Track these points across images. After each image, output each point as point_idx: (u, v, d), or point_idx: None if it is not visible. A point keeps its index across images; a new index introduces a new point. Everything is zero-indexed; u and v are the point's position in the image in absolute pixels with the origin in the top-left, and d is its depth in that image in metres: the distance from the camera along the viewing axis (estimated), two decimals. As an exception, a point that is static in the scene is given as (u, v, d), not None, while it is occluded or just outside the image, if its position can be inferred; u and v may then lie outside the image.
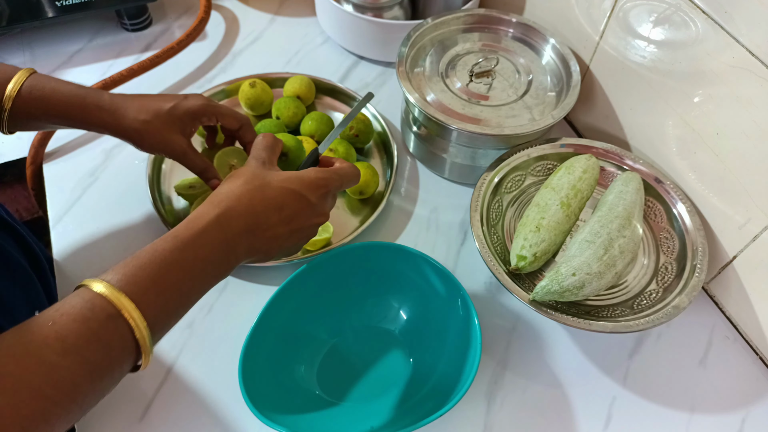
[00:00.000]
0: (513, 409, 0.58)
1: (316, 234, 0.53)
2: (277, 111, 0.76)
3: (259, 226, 0.46)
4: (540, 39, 0.76)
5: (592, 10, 0.70)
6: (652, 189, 0.66)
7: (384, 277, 0.61)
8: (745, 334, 0.64)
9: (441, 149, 0.72)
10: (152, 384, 0.58)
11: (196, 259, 0.42)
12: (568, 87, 0.70)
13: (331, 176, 0.52)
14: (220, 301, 0.64)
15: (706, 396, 0.60)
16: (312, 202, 0.49)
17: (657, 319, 0.55)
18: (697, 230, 0.61)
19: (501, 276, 0.58)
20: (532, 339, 0.63)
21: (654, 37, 0.63)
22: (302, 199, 0.49)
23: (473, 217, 0.62)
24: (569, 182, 0.63)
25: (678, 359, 0.62)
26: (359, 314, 0.62)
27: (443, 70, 0.73)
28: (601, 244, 0.57)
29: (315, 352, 0.60)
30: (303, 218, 0.49)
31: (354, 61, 0.89)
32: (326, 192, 0.51)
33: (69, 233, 0.68)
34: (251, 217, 0.46)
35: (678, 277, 0.60)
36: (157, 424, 0.56)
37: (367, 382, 0.58)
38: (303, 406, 0.55)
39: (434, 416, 0.49)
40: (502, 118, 0.68)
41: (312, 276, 0.59)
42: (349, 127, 0.73)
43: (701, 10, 0.56)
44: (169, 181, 0.72)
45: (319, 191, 0.50)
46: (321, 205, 0.50)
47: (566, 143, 0.69)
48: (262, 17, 0.95)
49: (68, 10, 0.83)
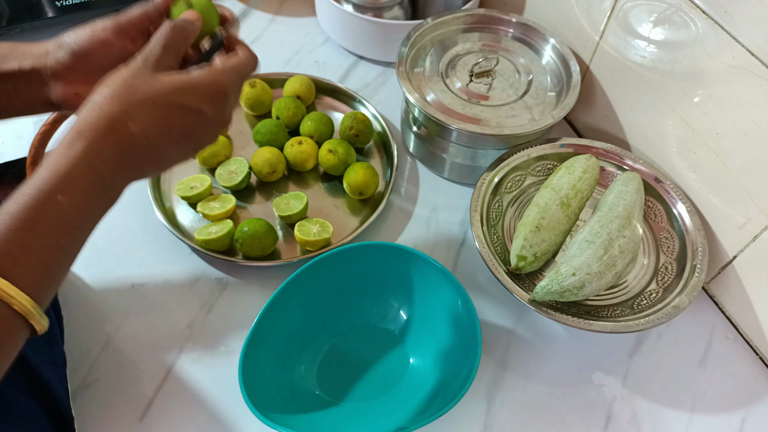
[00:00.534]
0: (513, 409, 0.58)
1: (217, 138, 0.46)
2: (277, 111, 0.76)
3: (138, 152, 0.39)
4: (540, 39, 0.76)
5: (592, 10, 0.70)
6: (652, 189, 0.66)
7: (384, 277, 0.61)
8: (745, 334, 0.64)
9: (441, 149, 0.72)
10: (152, 384, 0.58)
11: (68, 210, 0.37)
12: (568, 87, 0.70)
13: (230, 77, 0.43)
14: (220, 301, 0.64)
15: (706, 396, 0.60)
16: (208, 115, 0.42)
17: (657, 319, 0.55)
18: (697, 230, 0.62)
19: (501, 276, 0.58)
20: (532, 339, 0.63)
21: (654, 37, 0.63)
22: (194, 113, 0.41)
23: (473, 217, 0.62)
24: (569, 182, 0.63)
25: (678, 359, 0.62)
26: (359, 314, 0.62)
27: (443, 70, 0.73)
28: (601, 244, 0.57)
29: (315, 352, 0.60)
30: (198, 133, 0.42)
31: (354, 61, 0.89)
32: (225, 97, 0.43)
33: (69, 233, 0.68)
34: (127, 143, 0.39)
35: (678, 277, 0.60)
36: (157, 424, 0.56)
37: (367, 382, 0.58)
38: (303, 406, 0.55)
39: (434, 416, 0.49)
40: (502, 118, 0.68)
41: (312, 276, 0.59)
42: (349, 127, 0.73)
43: (701, 10, 0.56)
44: (169, 181, 0.72)
45: (215, 99, 0.42)
46: (219, 113, 0.43)
47: (566, 143, 0.69)
48: (262, 17, 0.95)
49: (68, 10, 0.83)
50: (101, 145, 0.38)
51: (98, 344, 0.60)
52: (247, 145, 0.77)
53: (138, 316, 0.62)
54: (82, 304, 0.63)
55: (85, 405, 0.56)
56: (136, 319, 0.62)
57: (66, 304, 0.62)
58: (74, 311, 0.62)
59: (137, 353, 0.60)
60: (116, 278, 0.65)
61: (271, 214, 0.69)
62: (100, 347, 0.60)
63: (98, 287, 0.64)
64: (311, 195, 0.72)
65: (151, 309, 0.63)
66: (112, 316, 0.62)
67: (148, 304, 0.63)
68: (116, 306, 0.63)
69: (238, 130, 0.78)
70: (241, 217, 0.70)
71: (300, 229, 0.65)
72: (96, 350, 0.60)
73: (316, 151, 0.73)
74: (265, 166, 0.70)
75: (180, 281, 0.65)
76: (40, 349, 0.59)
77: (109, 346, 0.60)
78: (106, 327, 0.61)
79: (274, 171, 0.70)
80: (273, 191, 0.72)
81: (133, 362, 0.59)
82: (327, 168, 0.72)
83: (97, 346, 0.60)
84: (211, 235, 0.64)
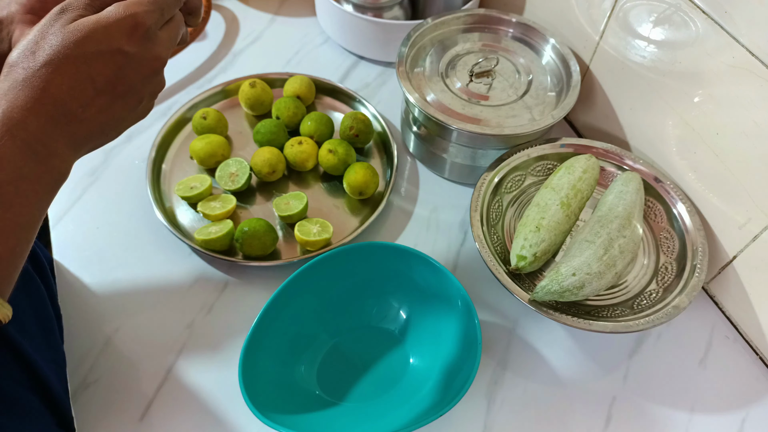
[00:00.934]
0: (513, 409, 0.58)
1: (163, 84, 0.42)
2: (277, 111, 0.76)
3: (69, 113, 0.37)
4: (540, 39, 0.76)
5: (592, 10, 0.70)
6: (652, 189, 0.66)
7: (384, 277, 0.61)
8: (745, 334, 0.64)
9: (441, 149, 0.72)
10: (152, 384, 0.58)
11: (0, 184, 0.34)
12: (568, 87, 0.70)
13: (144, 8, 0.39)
14: (220, 301, 0.64)
15: (706, 396, 0.60)
16: (130, 54, 0.38)
17: (657, 319, 0.55)
18: (697, 230, 0.62)
19: (501, 276, 0.58)
20: (532, 339, 0.63)
21: (654, 37, 0.63)
22: (114, 56, 0.37)
23: (473, 217, 0.62)
24: (569, 182, 0.63)
25: (678, 359, 0.62)
26: (359, 314, 0.62)
27: (443, 70, 0.73)
28: (601, 244, 0.57)
29: (315, 352, 0.60)
30: (129, 78, 0.39)
31: (354, 61, 0.89)
32: (144, 32, 0.39)
33: (69, 233, 0.68)
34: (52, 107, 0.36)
35: (678, 277, 0.60)
36: (157, 424, 0.56)
37: (367, 382, 0.58)
38: (303, 406, 0.55)
39: (434, 416, 0.49)
40: (502, 118, 0.68)
41: (312, 276, 0.59)
42: (349, 127, 0.73)
43: (701, 10, 0.56)
44: (169, 181, 0.72)
45: (134, 36, 0.38)
46: (145, 51, 0.39)
47: (566, 143, 0.69)
48: (262, 17, 0.95)
49: None
50: (21, 115, 0.35)
51: (98, 344, 0.60)
52: (247, 145, 0.77)
53: (138, 316, 0.62)
54: (82, 304, 0.63)
55: (85, 405, 0.56)
56: (136, 319, 0.62)
57: (66, 304, 0.62)
58: (74, 311, 0.62)
59: (137, 353, 0.60)
60: (116, 278, 0.65)
61: (271, 214, 0.69)
62: (100, 347, 0.60)
63: (98, 287, 0.64)
64: (311, 195, 0.72)
65: (151, 309, 0.63)
66: (112, 316, 0.62)
67: (148, 304, 0.63)
68: (116, 306, 0.63)
69: (238, 130, 0.78)
70: (241, 217, 0.70)
71: (300, 229, 0.65)
72: (96, 350, 0.60)
73: (316, 151, 0.73)
74: (265, 166, 0.70)
75: (180, 281, 0.65)
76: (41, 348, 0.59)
77: (109, 346, 0.60)
78: (106, 327, 0.61)
79: (274, 171, 0.70)
80: (273, 191, 0.72)
81: (133, 362, 0.59)
82: (327, 168, 0.72)
83: (97, 346, 0.60)
84: (211, 235, 0.64)
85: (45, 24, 0.37)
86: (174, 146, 0.75)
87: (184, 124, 0.77)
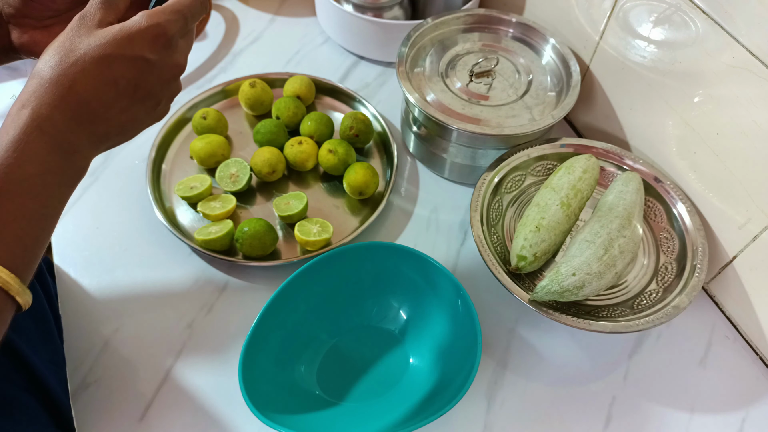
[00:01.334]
0: (513, 409, 0.58)
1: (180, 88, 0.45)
2: (277, 111, 0.76)
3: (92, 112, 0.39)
4: (540, 39, 0.76)
5: (592, 10, 0.70)
6: (652, 189, 0.66)
7: (384, 277, 0.61)
8: (745, 334, 0.64)
9: (441, 149, 0.72)
10: (152, 384, 0.58)
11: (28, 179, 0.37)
12: (568, 87, 0.70)
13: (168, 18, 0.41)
14: (220, 301, 0.64)
15: (706, 396, 0.60)
16: (152, 60, 0.40)
17: (657, 319, 0.55)
18: (697, 230, 0.62)
19: (501, 276, 0.58)
20: (532, 339, 0.63)
21: (654, 37, 0.63)
22: (136, 62, 0.40)
23: (473, 217, 0.62)
24: (569, 182, 0.63)
25: (678, 359, 0.62)
26: (359, 314, 0.62)
27: (443, 70, 0.73)
28: (601, 244, 0.57)
29: (315, 352, 0.60)
30: (149, 82, 0.41)
31: (354, 61, 0.89)
32: (166, 41, 0.41)
33: (69, 233, 0.68)
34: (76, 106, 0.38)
35: (678, 277, 0.60)
36: (157, 424, 0.56)
37: (367, 382, 0.58)
38: (303, 406, 0.55)
39: (434, 416, 0.49)
40: (502, 118, 0.68)
41: (312, 276, 0.59)
42: (349, 127, 0.73)
43: (701, 10, 0.56)
44: (169, 181, 0.72)
45: (157, 44, 0.40)
46: (166, 58, 0.42)
47: (566, 143, 0.69)
48: (262, 17, 0.95)
49: (68, 10, 0.83)
50: (49, 111, 0.38)
51: (98, 344, 0.60)
52: (247, 145, 0.77)
53: (138, 316, 0.62)
54: (82, 304, 0.63)
55: (85, 405, 0.56)
56: (135, 319, 0.62)
57: (66, 304, 0.62)
58: (74, 311, 0.62)
59: (137, 353, 0.60)
60: (116, 278, 0.65)
61: (271, 214, 0.69)
62: (99, 347, 0.60)
63: (98, 287, 0.64)
64: (311, 195, 0.72)
65: (150, 309, 0.63)
66: (112, 316, 0.62)
67: (147, 304, 0.63)
68: (116, 306, 0.63)
69: (238, 130, 0.78)
70: (241, 217, 0.70)
71: (300, 229, 0.65)
72: (96, 350, 0.60)
73: (316, 151, 0.73)
74: (265, 166, 0.70)
75: (180, 281, 0.65)
76: (39, 348, 0.59)
77: (109, 346, 0.60)
78: (106, 327, 0.61)
79: (274, 171, 0.70)
80: (273, 191, 0.72)
81: (133, 362, 0.59)
82: (327, 168, 0.72)
83: (97, 347, 0.60)
84: (211, 235, 0.64)
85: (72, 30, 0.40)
86: (174, 146, 0.75)
87: (184, 124, 0.77)
